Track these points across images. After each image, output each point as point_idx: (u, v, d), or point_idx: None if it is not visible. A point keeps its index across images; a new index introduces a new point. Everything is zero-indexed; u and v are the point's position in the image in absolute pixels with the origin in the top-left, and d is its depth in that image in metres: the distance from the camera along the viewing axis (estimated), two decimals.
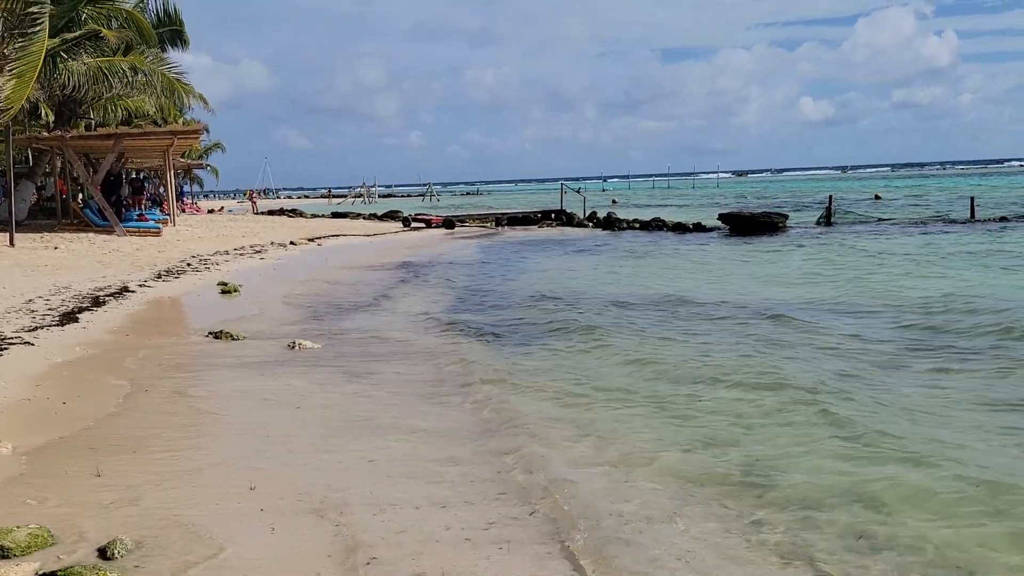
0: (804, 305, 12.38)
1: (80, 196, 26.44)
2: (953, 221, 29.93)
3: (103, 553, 3.93)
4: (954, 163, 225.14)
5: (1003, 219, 29.32)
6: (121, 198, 26.65)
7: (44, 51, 16.90)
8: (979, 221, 29.10)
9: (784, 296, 13.45)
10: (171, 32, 28.35)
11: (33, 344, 8.51)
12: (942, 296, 12.63)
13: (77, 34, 20.71)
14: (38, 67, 16.68)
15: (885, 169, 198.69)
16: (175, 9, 28.19)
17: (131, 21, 23.03)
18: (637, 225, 33.08)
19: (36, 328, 9.35)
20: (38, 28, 15.89)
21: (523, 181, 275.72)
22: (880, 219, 32.39)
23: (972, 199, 32.28)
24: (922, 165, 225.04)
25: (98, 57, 21.74)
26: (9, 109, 16.01)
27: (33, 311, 10.40)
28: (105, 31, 21.02)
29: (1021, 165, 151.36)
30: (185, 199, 50.24)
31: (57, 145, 23.36)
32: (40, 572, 3.76)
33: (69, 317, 10.12)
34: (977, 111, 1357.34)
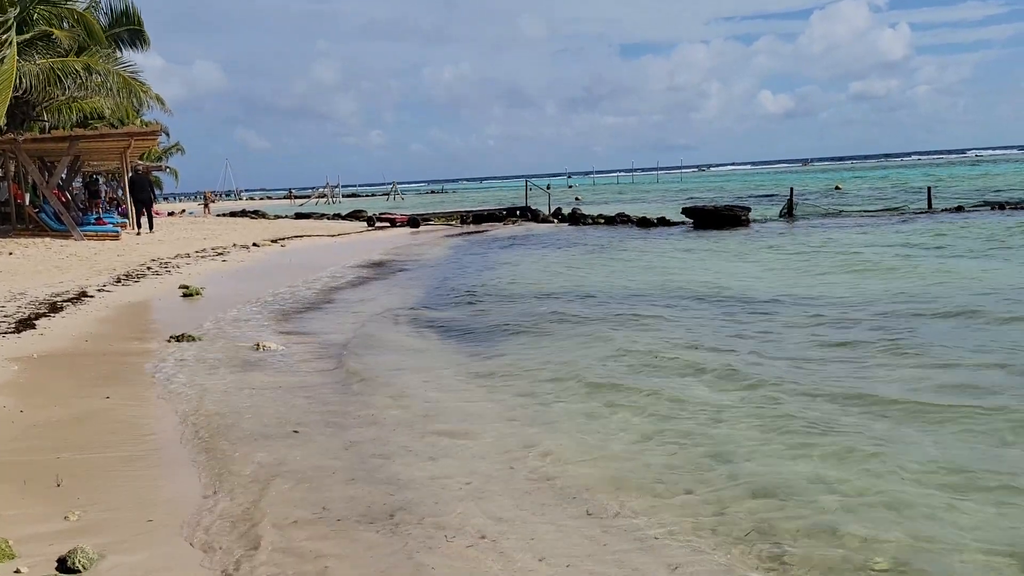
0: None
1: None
2: (912, 212, 30.26)
3: (63, 563, 3.85)
4: (911, 154, 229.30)
5: (959, 208, 29.84)
6: (148, 199, 26.46)
7: (15, 67, 16.95)
8: (936, 212, 29.56)
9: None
10: (130, 32, 27.61)
11: None
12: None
13: (29, 35, 20.27)
14: (12, 82, 16.80)
15: (846, 161, 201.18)
16: (133, 8, 27.46)
17: (81, 22, 22.54)
18: (602, 220, 33.16)
19: None
20: (7, 46, 16.02)
21: (488, 179, 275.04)
22: (841, 211, 32.82)
23: (929, 189, 32.88)
24: (884, 156, 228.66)
25: (51, 58, 21.29)
26: None
27: None
28: (57, 31, 20.60)
29: (977, 156, 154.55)
30: None
31: (10, 149, 22.85)
32: None
33: (26, 324, 9.90)
34: (932, 103, 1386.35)
